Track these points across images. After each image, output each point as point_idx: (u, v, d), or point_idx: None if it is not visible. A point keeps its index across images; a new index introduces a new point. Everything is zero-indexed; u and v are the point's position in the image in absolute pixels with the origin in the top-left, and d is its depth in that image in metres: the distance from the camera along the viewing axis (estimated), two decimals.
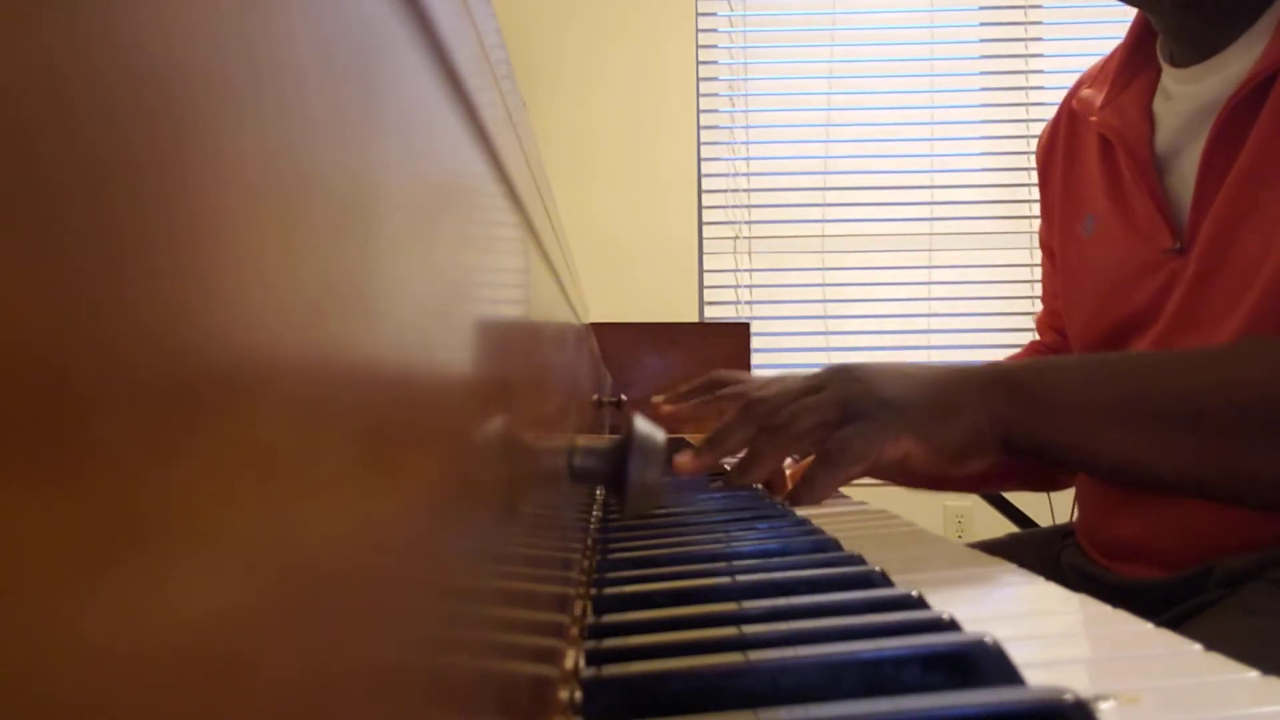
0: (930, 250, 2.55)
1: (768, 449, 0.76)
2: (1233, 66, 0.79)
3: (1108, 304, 0.87)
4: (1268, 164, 0.73)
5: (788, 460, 0.86)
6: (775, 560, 0.51)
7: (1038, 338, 1.11)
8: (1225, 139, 0.77)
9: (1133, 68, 0.89)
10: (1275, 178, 0.73)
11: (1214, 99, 0.79)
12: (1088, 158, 0.92)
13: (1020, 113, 2.57)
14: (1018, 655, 0.32)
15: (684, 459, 0.80)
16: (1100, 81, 0.92)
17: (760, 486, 0.83)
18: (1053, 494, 1.06)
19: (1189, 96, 0.83)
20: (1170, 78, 0.85)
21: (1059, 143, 0.98)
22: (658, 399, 0.88)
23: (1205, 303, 0.77)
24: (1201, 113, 0.80)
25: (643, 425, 0.43)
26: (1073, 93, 0.98)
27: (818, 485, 0.73)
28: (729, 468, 0.90)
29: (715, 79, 2.61)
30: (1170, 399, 0.67)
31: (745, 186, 2.59)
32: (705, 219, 2.58)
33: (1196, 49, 0.82)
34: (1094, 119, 0.89)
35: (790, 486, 0.82)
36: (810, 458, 0.84)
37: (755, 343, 1.99)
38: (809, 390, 0.74)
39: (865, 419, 0.71)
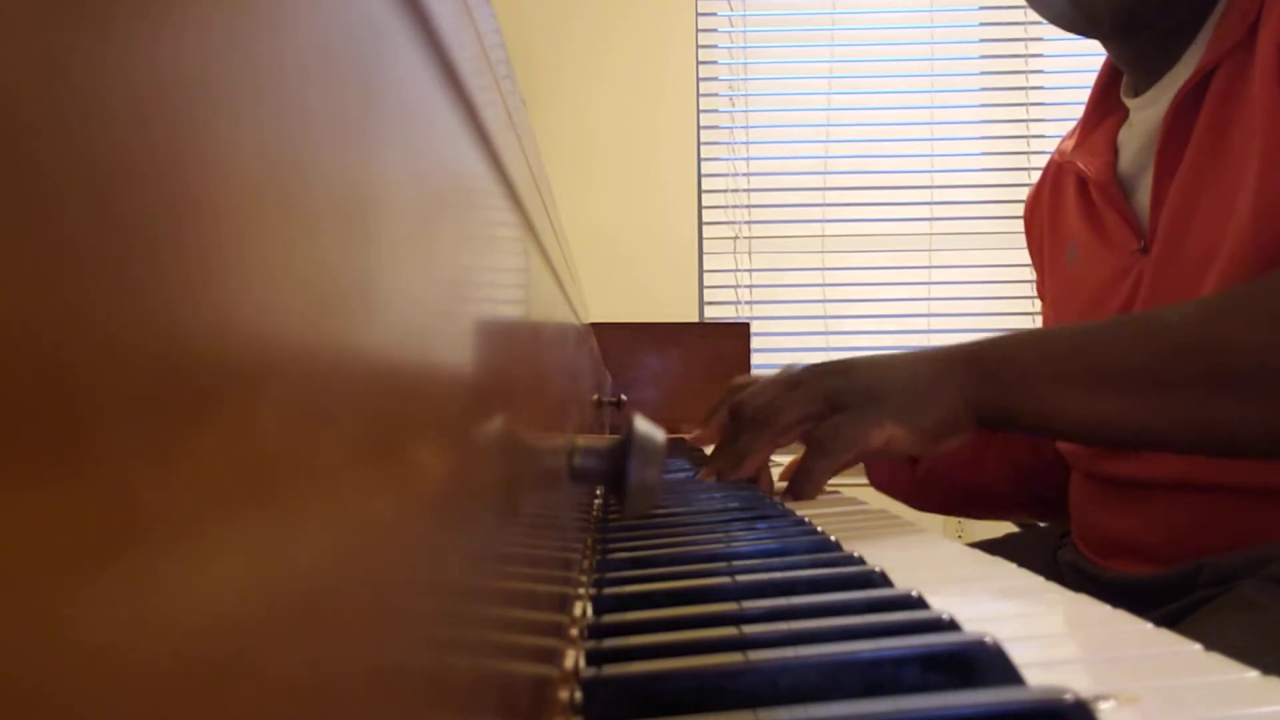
0: (930, 250, 2.55)
1: (755, 444, 0.78)
2: (1177, 82, 0.83)
3: (1091, 313, 0.90)
4: (1209, 156, 0.77)
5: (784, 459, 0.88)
6: (775, 560, 0.51)
7: None
8: (1172, 141, 0.81)
9: (1101, 112, 0.95)
10: (1217, 168, 0.77)
11: (1160, 115, 0.83)
12: (1068, 198, 0.98)
13: (1020, 113, 2.57)
14: (1018, 655, 0.32)
15: (705, 476, 0.83)
16: (1075, 134, 0.99)
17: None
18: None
19: (1145, 119, 0.87)
20: (1131, 108, 0.91)
21: (1044, 195, 1.04)
22: (694, 435, 0.91)
23: (1166, 295, 0.80)
24: (1153, 130, 0.85)
25: (643, 425, 0.43)
26: (1055, 151, 1.04)
27: (814, 474, 0.75)
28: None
29: (715, 79, 2.61)
30: (1125, 361, 0.70)
31: (745, 186, 2.59)
32: (705, 219, 2.58)
33: (1148, 73, 0.87)
34: (1069, 159, 0.95)
35: (774, 484, 0.84)
36: (797, 456, 0.87)
37: (755, 343, 1.98)
38: (789, 385, 0.77)
39: (849, 409, 0.74)
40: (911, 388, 0.74)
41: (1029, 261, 1.14)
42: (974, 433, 0.75)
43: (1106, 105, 0.95)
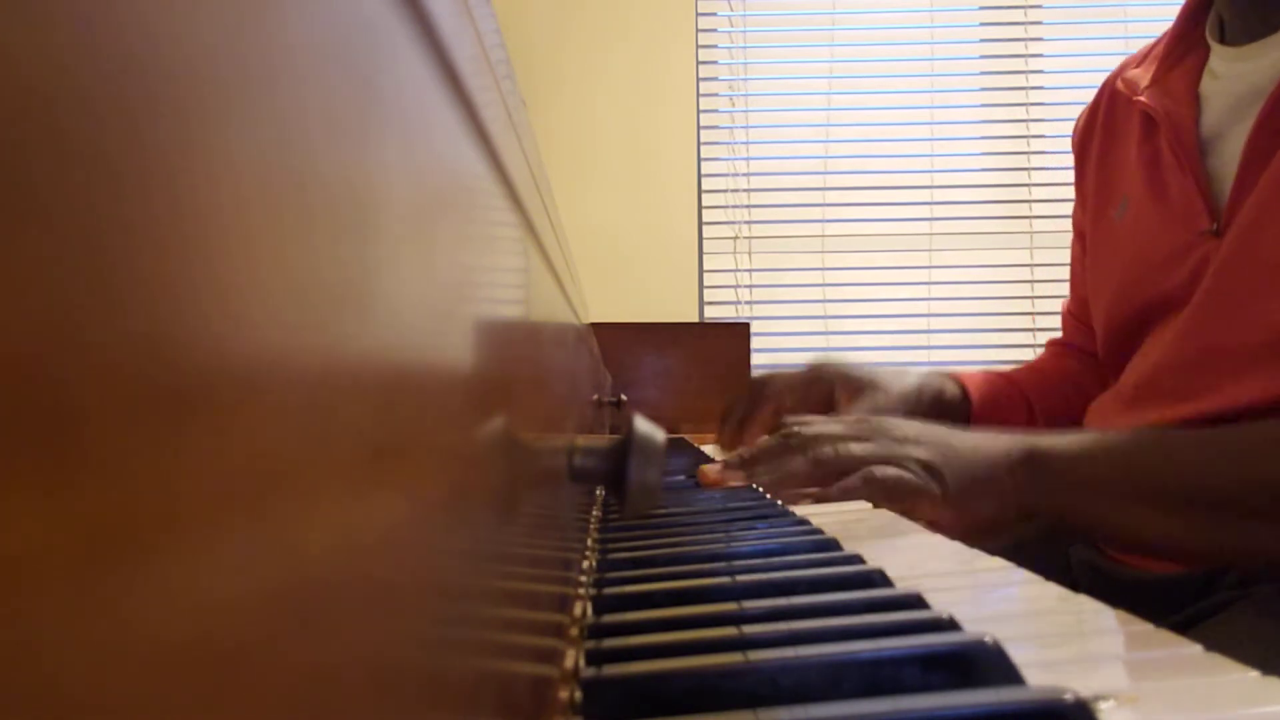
0: (930, 250, 2.55)
1: (802, 475, 0.74)
2: None
3: (1137, 285, 0.86)
4: None
5: None
6: (775, 560, 0.51)
7: (1060, 335, 1.10)
8: (1273, 123, 0.75)
9: (1182, 48, 0.87)
10: None
11: (1264, 81, 0.77)
12: (1127, 140, 0.90)
13: (1020, 113, 2.57)
14: (1018, 655, 0.32)
15: (712, 472, 0.79)
16: (1148, 63, 0.90)
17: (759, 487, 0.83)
18: None
19: (1238, 76, 0.80)
20: (1219, 56, 0.83)
21: (1097, 124, 0.96)
22: (722, 464, 0.86)
23: (1236, 288, 0.75)
24: (1250, 94, 0.78)
25: (643, 425, 0.43)
26: (1117, 74, 0.95)
27: (848, 497, 0.72)
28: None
29: (715, 79, 2.61)
30: (1192, 486, 0.66)
31: (745, 186, 2.59)
32: (705, 219, 2.58)
33: (1250, 27, 0.80)
34: (1140, 98, 0.87)
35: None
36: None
37: (755, 343, 1.99)
38: (856, 437, 0.74)
39: (912, 475, 0.71)
40: (972, 476, 0.71)
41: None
42: (1018, 529, 0.72)
43: (1188, 42, 0.86)
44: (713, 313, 2.58)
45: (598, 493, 0.82)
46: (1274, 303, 0.72)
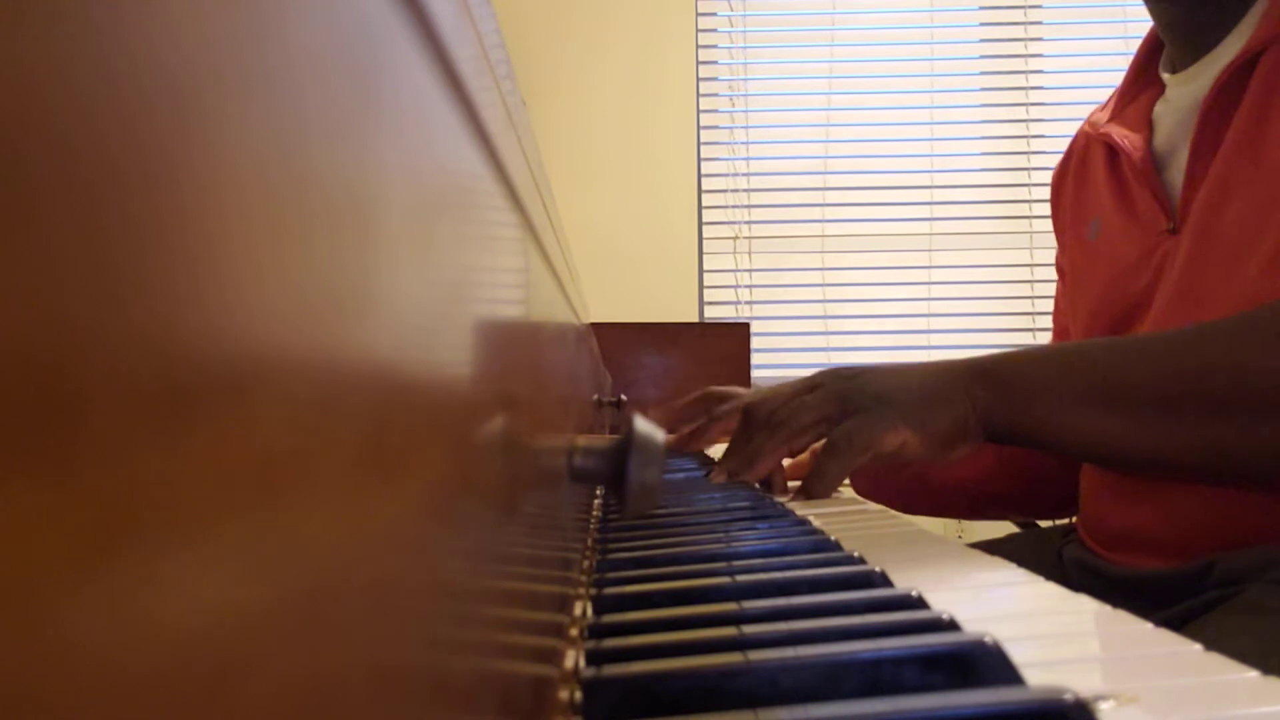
0: (930, 250, 2.55)
1: (769, 445, 0.79)
2: (1221, 60, 0.82)
3: (1110, 293, 0.90)
4: (1251, 141, 0.76)
5: (786, 461, 0.88)
6: (775, 560, 0.51)
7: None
8: (1213, 120, 0.80)
9: (1138, 87, 0.94)
10: (1258, 153, 0.76)
11: (1203, 93, 0.82)
12: (1096, 170, 0.97)
13: (1020, 113, 2.57)
14: (1018, 655, 0.32)
15: (716, 477, 0.84)
16: (1109, 104, 0.98)
17: (759, 485, 0.84)
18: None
19: (1184, 95, 0.86)
20: (1169, 84, 0.89)
21: (1071, 165, 1.03)
22: (655, 411, 0.93)
23: (1198, 279, 0.79)
24: (1193, 108, 0.84)
25: (643, 425, 0.43)
26: (1086, 121, 1.03)
27: (829, 475, 0.76)
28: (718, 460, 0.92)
29: (715, 79, 2.61)
30: (1139, 381, 0.70)
31: (745, 186, 2.59)
32: (705, 219, 2.58)
33: (1191, 49, 0.86)
34: (1103, 131, 0.94)
35: (787, 484, 0.84)
36: (807, 454, 0.87)
37: (755, 343, 1.98)
38: (805, 390, 0.79)
39: (864, 412, 0.75)
40: (923, 394, 0.75)
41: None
42: (980, 442, 0.76)
43: (1144, 80, 0.94)
44: (713, 313, 2.58)
45: (598, 493, 0.82)
46: (1230, 282, 0.76)
